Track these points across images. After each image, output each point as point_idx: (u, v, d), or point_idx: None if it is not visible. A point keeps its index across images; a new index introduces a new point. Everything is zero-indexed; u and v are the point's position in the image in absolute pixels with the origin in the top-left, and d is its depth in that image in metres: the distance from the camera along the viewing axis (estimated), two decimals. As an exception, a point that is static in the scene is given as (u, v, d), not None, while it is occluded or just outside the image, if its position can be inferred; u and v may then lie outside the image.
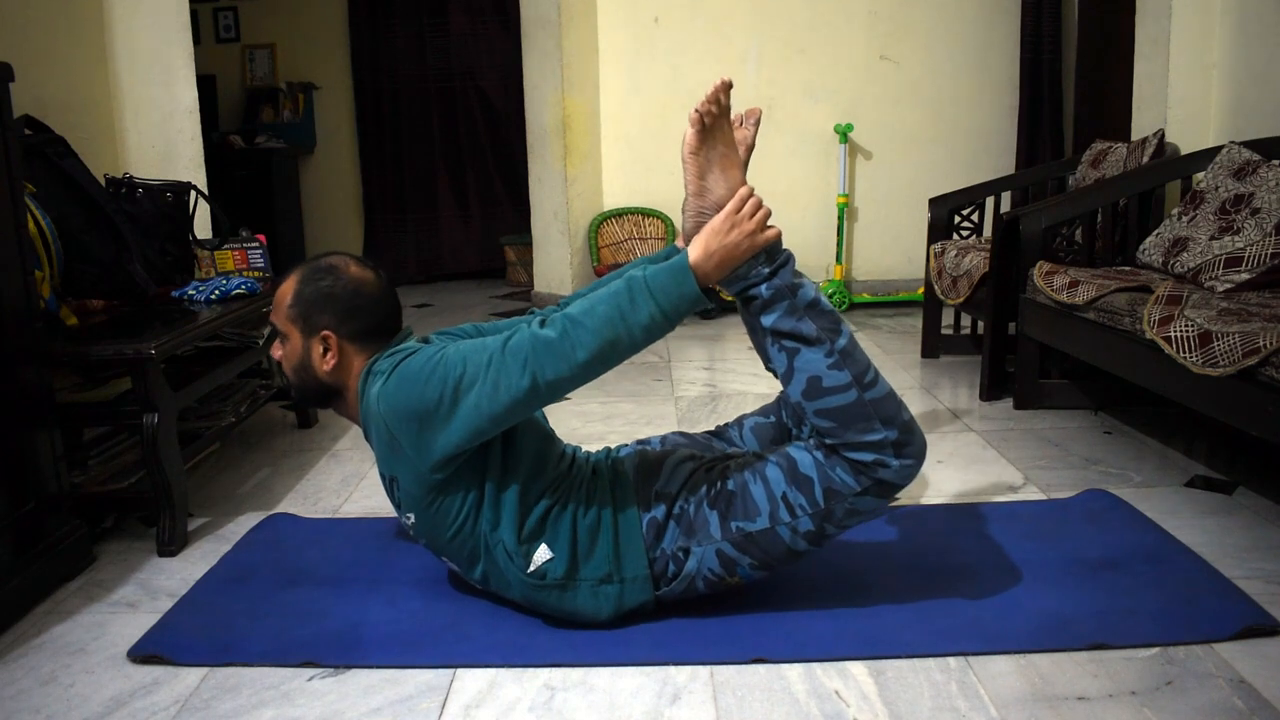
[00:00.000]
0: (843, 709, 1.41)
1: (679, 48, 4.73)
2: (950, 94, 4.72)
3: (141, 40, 3.11)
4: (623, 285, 1.48)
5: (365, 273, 1.67)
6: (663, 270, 1.48)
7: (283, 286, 1.66)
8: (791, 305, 1.53)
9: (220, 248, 2.72)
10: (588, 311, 1.46)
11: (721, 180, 1.55)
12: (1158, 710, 1.37)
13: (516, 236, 5.66)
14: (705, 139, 1.54)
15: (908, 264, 4.82)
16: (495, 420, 1.48)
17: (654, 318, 1.46)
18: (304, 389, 1.68)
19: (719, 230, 1.50)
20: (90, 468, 2.17)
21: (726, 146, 1.56)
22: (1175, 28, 3.27)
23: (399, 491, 1.60)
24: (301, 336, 1.64)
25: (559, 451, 1.69)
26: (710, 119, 1.52)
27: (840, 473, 1.54)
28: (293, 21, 5.96)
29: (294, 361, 1.67)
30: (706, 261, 1.50)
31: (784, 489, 1.56)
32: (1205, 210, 2.62)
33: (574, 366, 1.45)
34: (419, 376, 1.49)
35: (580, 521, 1.59)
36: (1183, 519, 2.03)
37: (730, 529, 1.57)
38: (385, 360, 1.58)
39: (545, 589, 1.58)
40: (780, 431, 1.90)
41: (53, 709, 1.47)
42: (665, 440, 1.88)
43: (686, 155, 1.55)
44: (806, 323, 1.53)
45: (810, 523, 1.56)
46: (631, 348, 1.48)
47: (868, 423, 1.52)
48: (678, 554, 1.59)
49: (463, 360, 1.48)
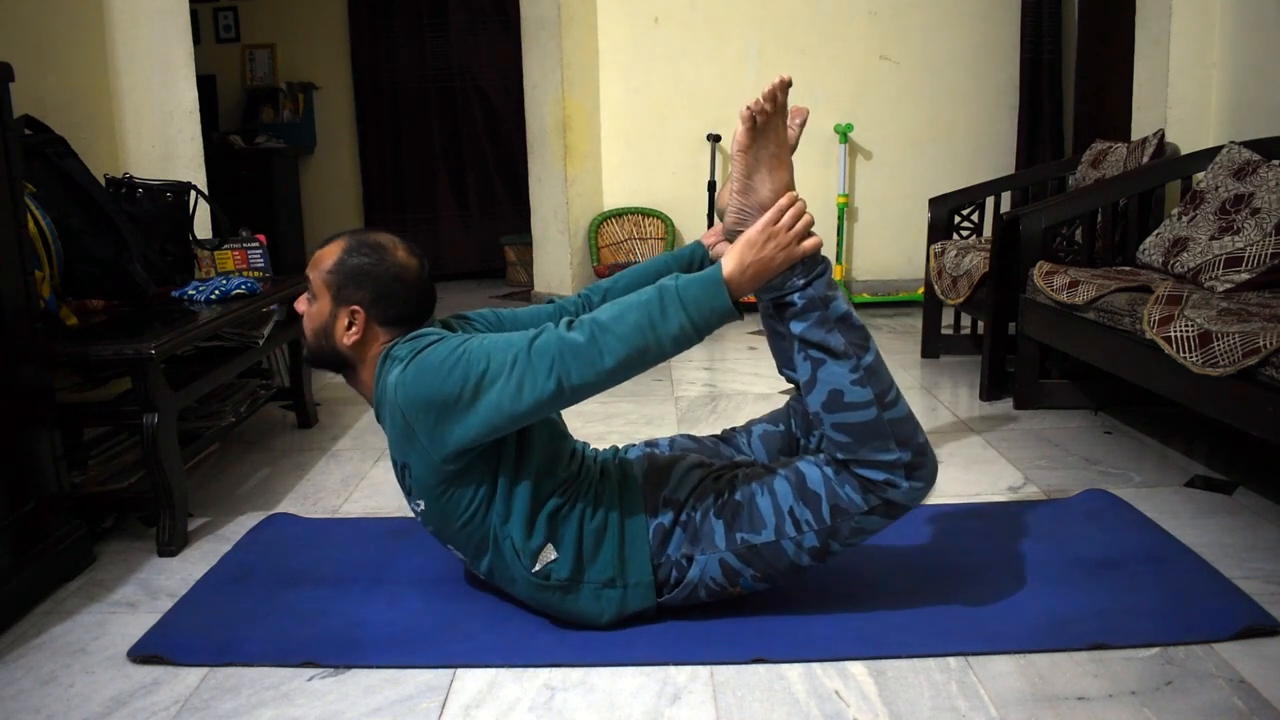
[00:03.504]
0: (843, 709, 1.41)
1: (679, 48, 4.73)
2: (950, 94, 4.72)
3: (141, 40, 3.11)
4: (654, 294, 1.45)
5: (410, 260, 1.65)
6: (696, 282, 1.46)
7: (328, 248, 1.65)
8: (823, 316, 1.51)
9: (220, 248, 2.72)
10: (618, 318, 1.44)
11: (768, 180, 1.52)
12: (1158, 710, 1.37)
13: (516, 236, 5.66)
14: (756, 137, 1.50)
15: (908, 264, 4.82)
16: (515, 419, 1.47)
17: (684, 329, 1.44)
18: (318, 351, 1.67)
19: (755, 243, 1.48)
20: (90, 468, 2.17)
21: (778, 146, 1.52)
22: (1175, 27, 3.27)
23: (410, 478, 1.59)
24: (331, 303, 1.62)
25: (570, 449, 1.68)
26: (763, 117, 1.49)
27: (849, 490, 1.53)
28: (293, 21, 5.96)
29: (316, 324, 1.65)
30: (740, 275, 1.47)
31: (791, 503, 1.56)
32: (1205, 210, 2.62)
33: (600, 373, 1.43)
34: (441, 368, 1.47)
35: (587, 524, 1.58)
36: (1183, 519, 2.03)
37: (735, 540, 1.56)
38: (404, 346, 1.55)
39: (549, 589, 1.58)
40: (789, 442, 1.88)
41: (53, 709, 1.47)
42: (674, 443, 1.87)
43: (735, 152, 1.52)
44: (836, 335, 1.51)
45: (815, 539, 1.55)
46: (660, 356, 1.46)
47: (883, 441, 1.51)
48: (681, 561, 1.58)
49: (486, 356, 1.46)
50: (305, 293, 1.67)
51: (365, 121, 5.99)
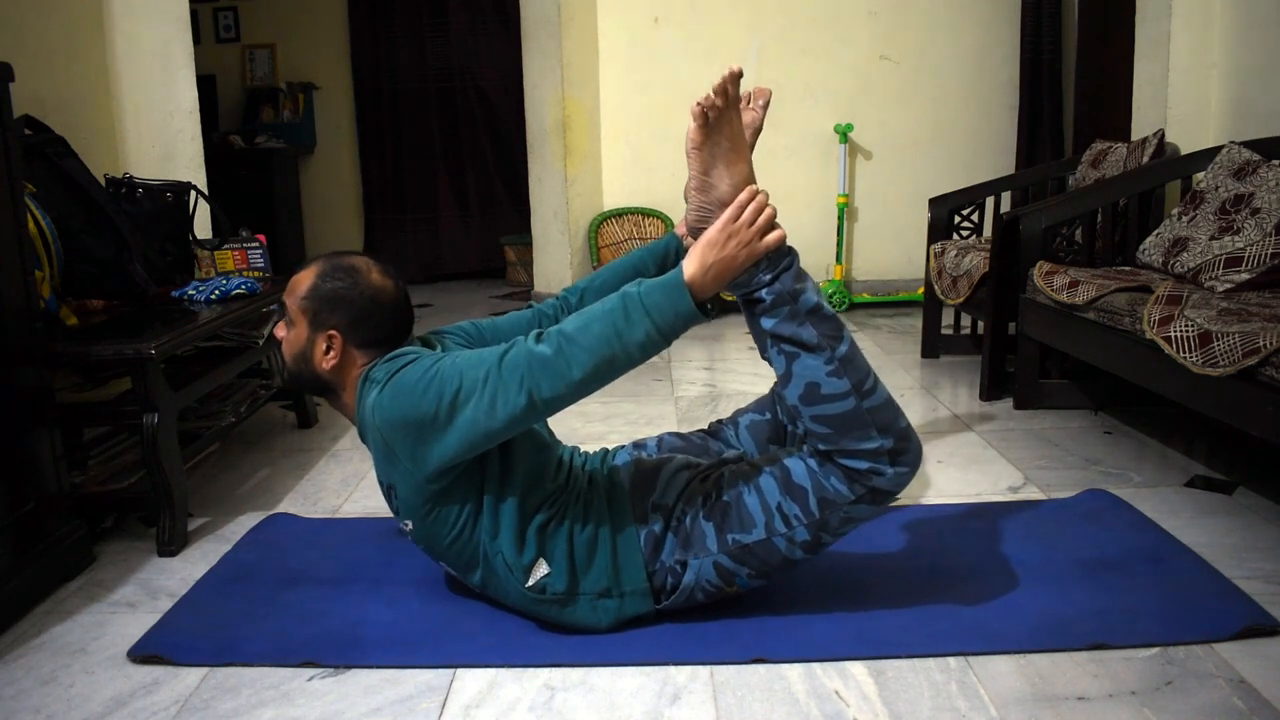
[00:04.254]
0: (843, 709, 1.41)
1: (679, 48, 4.73)
2: (950, 94, 4.72)
3: (141, 40, 3.11)
4: (618, 302, 1.44)
5: (385, 282, 1.64)
6: (657, 287, 1.44)
7: (302, 273, 1.64)
8: (792, 310, 1.49)
9: (220, 248, 2.72)
10: (583, 329, 1.43)
11: (725, 176, 1.49)
12: (1158, 710, 1.37)
13: (516, 236, 5.66)
14: (709, 134, 1.47)
15: (908, 264, 4.82)
16: (491, 435, 1.46)
17: (650, 335, 1.43)
18: (298, 377, 1.66)
19: (715, 242, 1.46)
20: (90, 468, 2.17)
21: (732, 141, 1.48)
22: (1175, 28, 3.27)
23: (396, 499, 1.59)
24: (309, 328, 1.62)
25: (556, 460, 1.67)
26: (715, 113, 1.45)
27: (834, 481, 1.52)
28: (293, 21, 5.96)
29: (294, 350, 1.64)
30: (702, 276, 1.45)
31: (778, 499, 1.55)
32: (1205, 210, 2.62)
33: (570, 384, 1.42)
34: (415, 389, 1.46)
35: (577, 536, 1.58)
36: (1183, 519, 2.03)
37: (727, 541, 1.56)
38: (381, 367, 1.55)
39: (545, 603, 1.58)
40: (776, 430, 1.89)
41: (53, 709, 1.47)
42: (662, 443, 1.87)
43: (689, 149, 1.49)
44: (807, 328, 1.49)
45: (806, 532, 1.55)
46: (629, 364, 1.45)
47: (864, 430, 1.50)
48: (675, 567, 1.58)
49: (459, 374, 1.45)
50: (283, 319, 1.67)
51: (365, 121, 5.99)
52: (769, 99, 1.62)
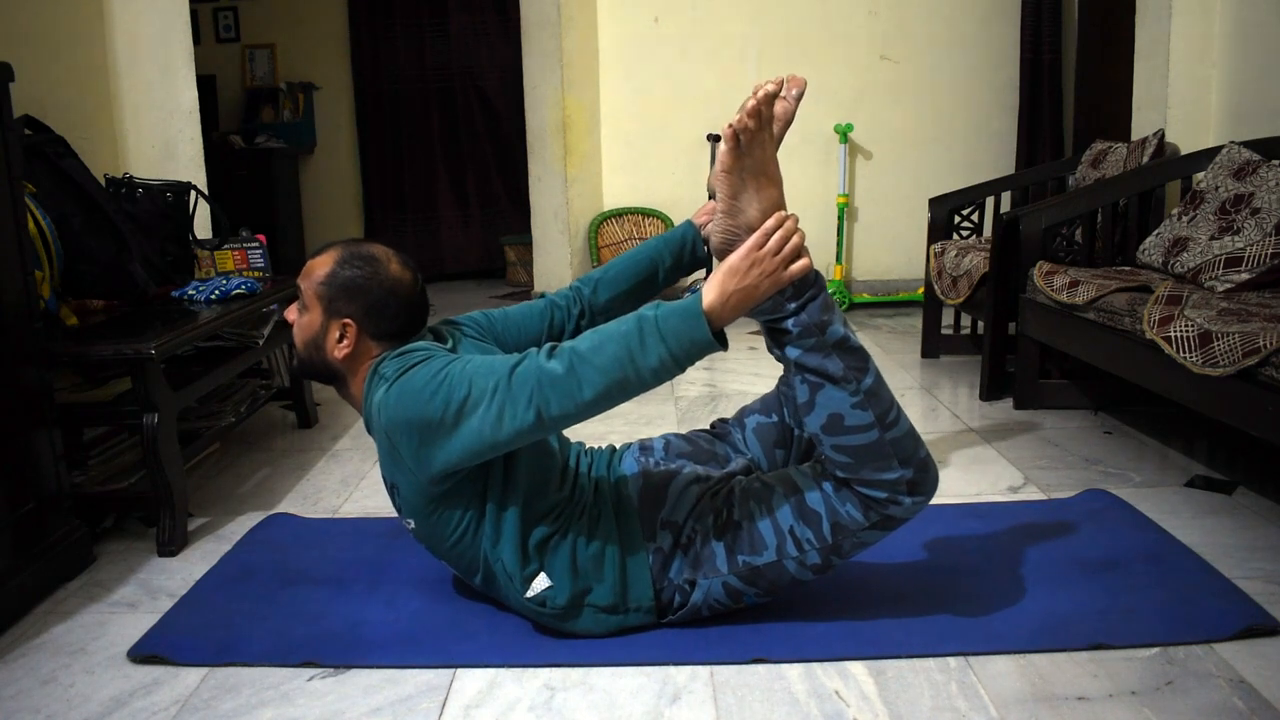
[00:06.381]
0: (843, 709, 1.41)
1: (679, 48, 4.73)
2: (950, 94, 4.72)
3: (141, 40, 3.11)
4: (634, 325, 1.39)
5: (404, 273, 1.63)
6: (676, 313, 1.39)
7: (320, 258, 1.62)
8: (819, 342, 1.45)
9: (220, 248, 2.72)
10: (597, 349, 1.39)
11: (755, 201, 1.43)
12: (1158, 710, 1.37)
13: (516, 236, 5.66)
14: (739, 157, 1.41)
15: (908, 264, 4.82)
16: (496, 446, 1.43)
17: (664, 361, 1.39)
18: (308, 364, 1.64)
19: (737, 270, 1.40)
20: (90, 468, 2.17)
21: (763, 164, 1.42)
22: (1175, 28, 3.27)
23: (399, 497, 1.59)
24: (323, 315, 1.60)
25: (561, 467, 1.65)
26: (747, 135, 1.39)
27: (850, 509, 1.50)
28: (293, 21, 5.96)
29: (307, 335, 1.62)
30: (722, 305, 1.40)
31: (791, 523, 1.53)
32: (1205, 210, 2.62)
33: (580, 404, 1.39)
34: (423, 392, 1.44)
35: (582, 551, 1.56)
36: (1183, 519, 2.03)
37: (737, 562, 1.55)
38: (391, 363, 1.53)
39: (545, 615, 1.57)
40: (783, 433, 1.86)
41: (53, 709, 1.47)
42: (668, 445, 1.83)
43: (719, 172, 1.43)
44: (833, 360, 1.46)
45: (818, 556, 1.54)
46: (641, 387, 1.40)
47: (885, 461, 1.47)
48: (684, 585, 1.57)
49: (468, 381, 1.42)
50: (295, 302, 1.65)
51: (365, 121, 5.98)
52: (803, 89, 1.53)
